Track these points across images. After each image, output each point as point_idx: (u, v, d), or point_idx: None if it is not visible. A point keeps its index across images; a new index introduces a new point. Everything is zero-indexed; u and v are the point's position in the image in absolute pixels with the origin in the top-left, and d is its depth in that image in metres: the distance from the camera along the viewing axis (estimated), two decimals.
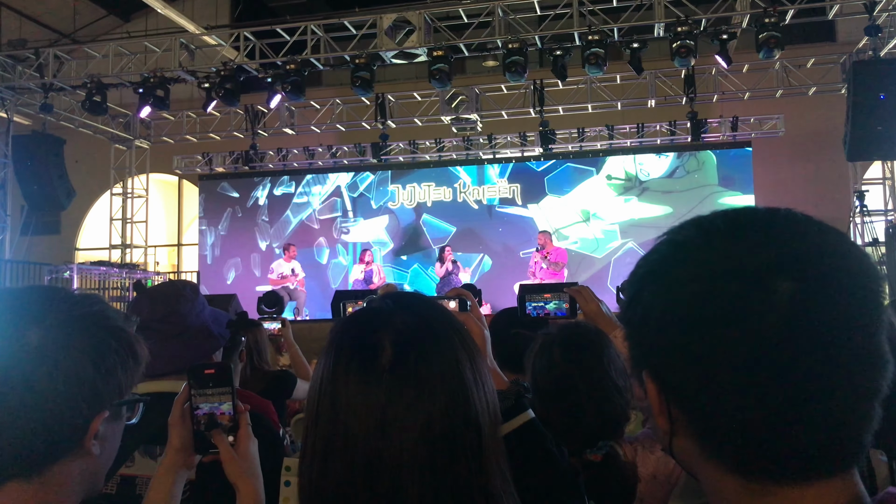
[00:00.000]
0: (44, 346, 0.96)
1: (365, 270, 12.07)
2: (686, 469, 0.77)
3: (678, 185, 12.98)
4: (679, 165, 13.07)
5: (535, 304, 2.12)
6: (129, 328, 1.09)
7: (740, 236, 0.69)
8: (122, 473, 1.62)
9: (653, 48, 10.55)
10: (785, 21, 9.48)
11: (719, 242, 0.70)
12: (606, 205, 13.25)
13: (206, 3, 15.18)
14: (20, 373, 0.94)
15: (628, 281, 0.79)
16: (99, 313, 1.05)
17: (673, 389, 0.72)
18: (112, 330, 1.05)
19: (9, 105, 12.49)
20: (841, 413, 0.66)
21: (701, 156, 12.99)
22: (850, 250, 0.69)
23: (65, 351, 0.97)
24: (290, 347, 4.20)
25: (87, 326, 1.02)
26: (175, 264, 17.60)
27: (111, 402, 1.03)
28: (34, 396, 0.94)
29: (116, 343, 1.04)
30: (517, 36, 10.13)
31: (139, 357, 1.08)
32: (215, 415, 1.35)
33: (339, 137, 14.48)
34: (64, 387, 0.96)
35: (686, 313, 0.69)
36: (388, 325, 0.89)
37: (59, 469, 0.99)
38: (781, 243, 0.68)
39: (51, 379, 0.95)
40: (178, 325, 1.81)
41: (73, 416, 0.98)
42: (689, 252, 0.72)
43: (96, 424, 1.01)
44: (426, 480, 0.83)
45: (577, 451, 1.82)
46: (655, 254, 0.76)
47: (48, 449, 0.97)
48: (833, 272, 0.66)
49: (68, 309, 1.02)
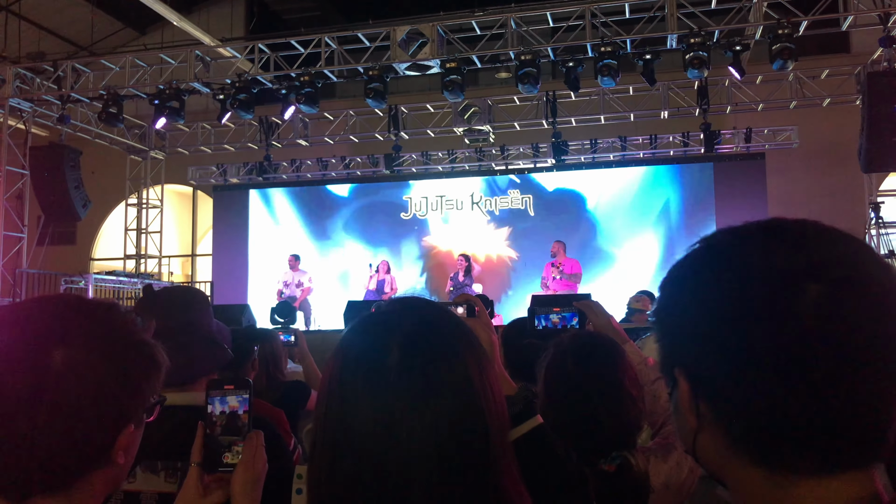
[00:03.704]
0: (70, 366, 0.95)
1: (378, 280, 12.10)
2: (707, 467, 0.81)
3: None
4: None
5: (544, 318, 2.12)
6: (148, 337, 1.09)
7: (773, 242, 0.74)
8: (125, 489, 1.59)
9: (666, 59, 10.55)
10: (798, 32, 9.46)
11: (753, 247, 0.75)
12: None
13: (222, 15, 15.34)
14: (47, 392, 0.94)
15: (662, 283, 0.83)
16: (121, 328, 1.05)
17: (704, 385, 0.76)
18: (135, 345, 1.05)
19: (27, 116, 12.64)
20: (863, 409, 0.69)
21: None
22: (874, 258, 0.74)
23: (91, 372, 0.97)
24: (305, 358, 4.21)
25: (111, 344, 1.01)
26: (189, 274, 17.70)
27: (136, 415, 1.03)
28: (61, 417, 0.94)
29: (140, 357, 1.04)
30: (530, 48, 10.15)
31: (160, 365, 1.09)
32: (237, 413, 1.32)
33: (352, 149, 14.54)
34: (91, 405, 0.96)
35: (721, 311, 0.73)
36: (396, 329, 0.90)
37: (85, 481, 0.99)
38: (811, 249, 0.72)
39: (78, 398, 0.95)
40: (190, 335, 1.78)
41: (101, 435, 0.98)
42: (724, 255, 0.77)
43: (123, 439, 1.01)
44: (434, 482, 0.83)
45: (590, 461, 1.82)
46: (691, 258, 0.81)
47: (77, 465, 0.97)
48: (858, 276, 0.71)
49: (92, 326, 1.01)
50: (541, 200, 13.58)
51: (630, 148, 13.12)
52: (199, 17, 14.89)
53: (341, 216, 14.38)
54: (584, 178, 13.53)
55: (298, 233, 14.51)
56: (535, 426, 1.29)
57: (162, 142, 14.89)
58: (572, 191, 13.49)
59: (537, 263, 11.84)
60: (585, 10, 10.04)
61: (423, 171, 14.15)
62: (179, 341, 1.73)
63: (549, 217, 13.36)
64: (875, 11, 9.43)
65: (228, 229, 14.87)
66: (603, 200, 13.33)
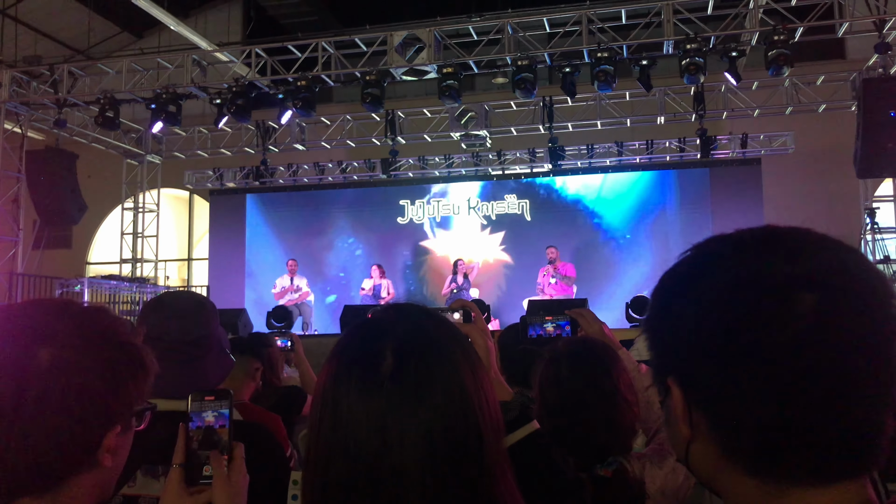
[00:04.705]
0: (55, 366, 0.95)
1: (374, 285, 12.09)
2: (700, 476, 0.80)
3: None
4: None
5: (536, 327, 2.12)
6: (138, 341, 1.08)
7: (767, 251, 0.73)
8: (124, 493, 1.59)
9: (662, 65, 10.58)
10: (794, 38, 9.50)
11: (747, 256, 0.74)
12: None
13: (219, 20, 15.34)
14: (32, 392, 0.93)
15: (654, 291, 0.82)
16: (108, 329, 1.04)
17: (697, 395, 0.76)
18: (122, 346, 1.04)
19: (23, 120, 12.62)
20: (857, 420, 0.69)
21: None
22: (867, 267, 0.73)
23: (76, 370, 0.96)
24: (301, 363, 4.20)
25: (97, 344, 1.01)
26: (185, 278, 17.67)
27: (123, 417, 1.03)
28: (46, 415, 0.94)
29: (126, 358, 1.04)
30: (527, 53, 10.17)
31: (148, 369, 1.07)
32: (213, 428, 1.29)
33: (349, 153, 14.55)
34: (76, 406, 0.96)
35: (715, 321, 0.72)
36: (390, 335, 0.90)
37: (71, 483, 0.98)
38: (804, 258, 0.72)
39: (63, 398, 0.95)
40: (204, 349, 1.77)
41: (86, 434, 0.97)
42: (717, 263, 0.76)
43: (109, 440, 1.00)
44: (428, 487, 0.83)
45: (586, 466, 1.82)
46: (683, 265, 0.80)
47: (61, 465, 0.96)
48: (851, 286, 0.70)
49: (78, 326, 1.01)
50: (537, 205, 13.61)
51: (626, 153, 13.14)
52: (196, 22, 14.88)
53: (337, 221, 14.38)
54: (580, 184, 13.55)
55: (294, 237, 14.50)
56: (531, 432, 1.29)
57: (158, 146, 14.87)
58: (569, 196, 13.52)
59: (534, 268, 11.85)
60: (582, 16, 10.08)
61: (419, 176, 14.16)
62: (194, 355, 1.74)
63: (545, 222, 13.38)
64: (870, 18, 9.47)
65: (225, 233, 14.86)
66: (599, 206, 13.35)
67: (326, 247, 14.32)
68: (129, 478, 1.60)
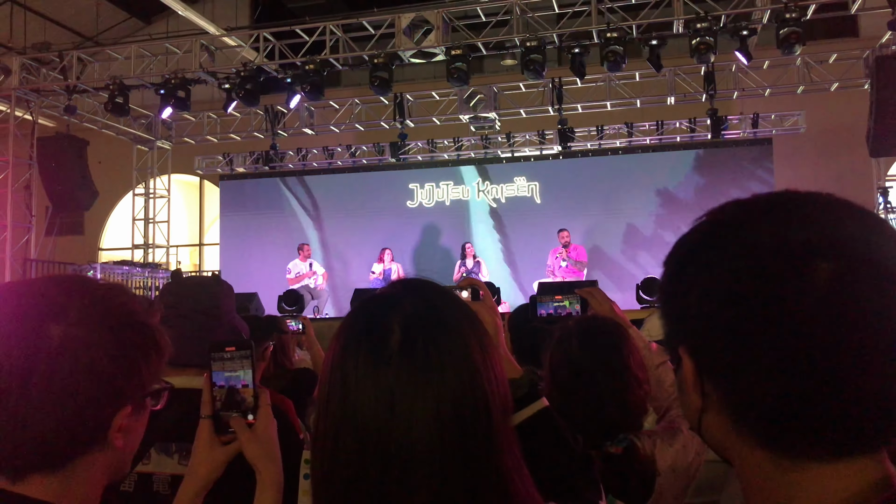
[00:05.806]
0: (65, 343, 0.94)
1: (384, 269, 12.11)
2: (713, 447, 0.79)
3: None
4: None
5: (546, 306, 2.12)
6: (152, 320, 1.06)
7: (782, 217, 0.71)
8: (139, 471, 1.59)
9: (672, 45, 10.49)
10: (806, 16, 9.38)
11: (762, 222, 0.71)
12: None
13: (226, 4, 15.29)
14: (41, 368, 0.92)
15: (667, 258, 0.80)
16: (121, 306, 1.03)
17: (710, 365, 0.74)
18: (135, 325, 1.03)
19: (33, 107, 12.67)
20: (872, 393, 0.66)
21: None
22: (888, 234, 0.70)
23: (87, 348, 0.95)
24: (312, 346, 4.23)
25: (109, 322, 0.99)
26: (197, 264, 17.76)
27: (134, 398, 1.01)
28: (55, 393, 0.93)
29: (139, 338, 1.02)
30: (535, 34, 10.10)
31: (163, 350, 1.06)
32: (236, 388, 1.31)
33: (358, 137, 14.53)
34: (86, 383, 0.95)
35: (728, 290, 0.70)
36: (398, 309, 0.90)
37: (82, 462, 0.98)
38: (822, 225, 0.69)
39: (72, 376, 0.94)
40: (215, 319, 1.80)
41: (96, 413, 0.96)
42: (732, 230, 0.73)
43: (119, 420, 0.99)
44: (436, 461, 0.83)
45: (596, 444, 1.82)
46: (697, 233, 0.78)
47: (71, 444, 0.96)
48: (871, 255, 0.68)
49: (91, 304, 0.99)
50: (547, 187, 13.56)
51: (637, 134, 13.06)
52: (203, 7, 14.83)
53: (347, 204, 14.39)
54: (590, 165, 13.50)
55: (305, 221, 14.54)
56: (540, 409, 1.29)
57: (168, 132, 14.89)
58: (578, 177, 13.47)
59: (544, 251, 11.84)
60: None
61: (428, 160, 14.14)
62: (203, 324, 1.77)
63: (555, 204, 13.34)
64: None
65: (235, 218, 14.91)
66: (609, 187, 13.30)
67: (335, 230, 14.34)
68: (143, 455, 1.61)
